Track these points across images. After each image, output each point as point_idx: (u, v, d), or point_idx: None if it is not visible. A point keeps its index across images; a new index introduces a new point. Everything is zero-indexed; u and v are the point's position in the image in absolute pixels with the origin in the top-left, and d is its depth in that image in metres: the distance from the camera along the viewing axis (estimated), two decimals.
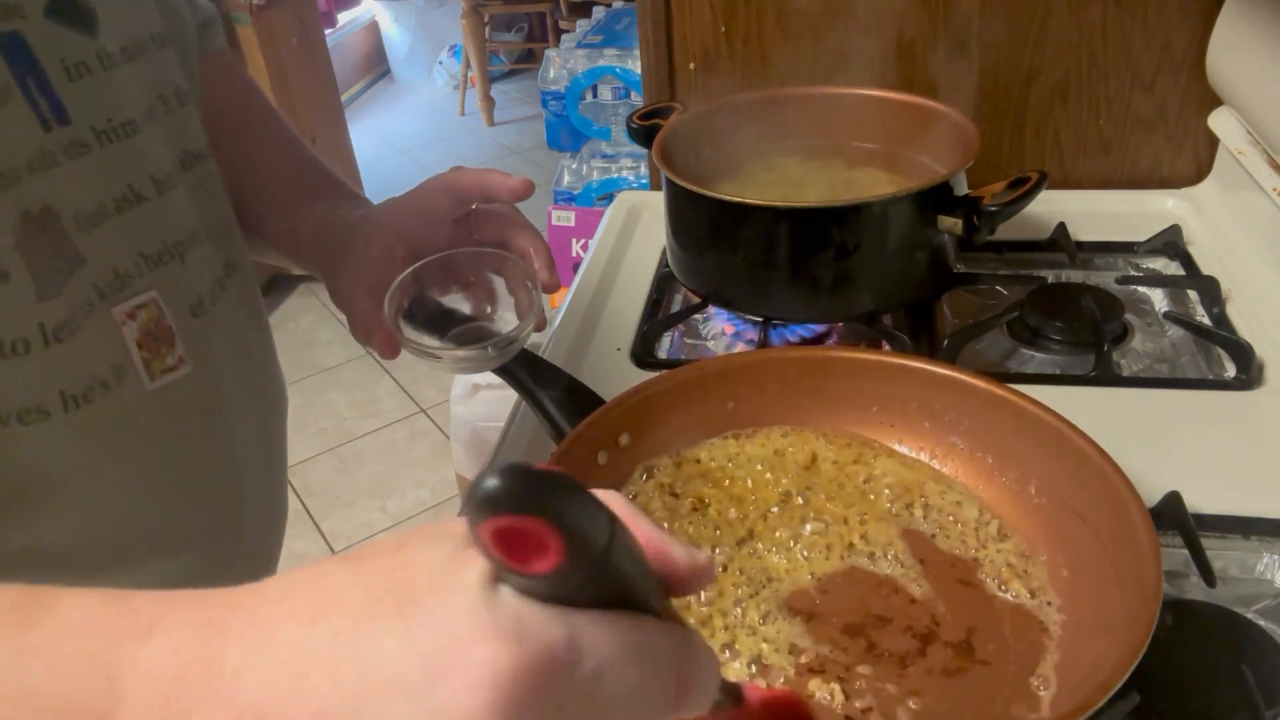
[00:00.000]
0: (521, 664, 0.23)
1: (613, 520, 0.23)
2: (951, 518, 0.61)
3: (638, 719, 0.25)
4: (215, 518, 0.61)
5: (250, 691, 0.25)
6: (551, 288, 0.64)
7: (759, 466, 0.65)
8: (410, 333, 0.64)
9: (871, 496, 0.63)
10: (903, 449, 0.66)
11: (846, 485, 0.63)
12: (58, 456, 0.50)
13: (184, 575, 0.59)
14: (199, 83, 0.65)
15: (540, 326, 0.67)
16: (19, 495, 0.49)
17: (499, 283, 0.67)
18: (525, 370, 0.70)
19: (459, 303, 0.68)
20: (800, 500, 0.63)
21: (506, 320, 0.67)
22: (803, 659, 0.53)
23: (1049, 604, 0.55)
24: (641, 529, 0.27)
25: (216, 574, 0.61)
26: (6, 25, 0.46)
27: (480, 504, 0.20)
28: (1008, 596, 0.56)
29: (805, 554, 0.59)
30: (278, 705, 0.24)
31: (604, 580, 0.23)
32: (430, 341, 0.65)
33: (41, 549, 0.51)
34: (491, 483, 0.20)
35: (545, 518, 0.21)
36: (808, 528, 0.61)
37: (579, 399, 0.69)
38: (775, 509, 0.62)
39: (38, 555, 0.51)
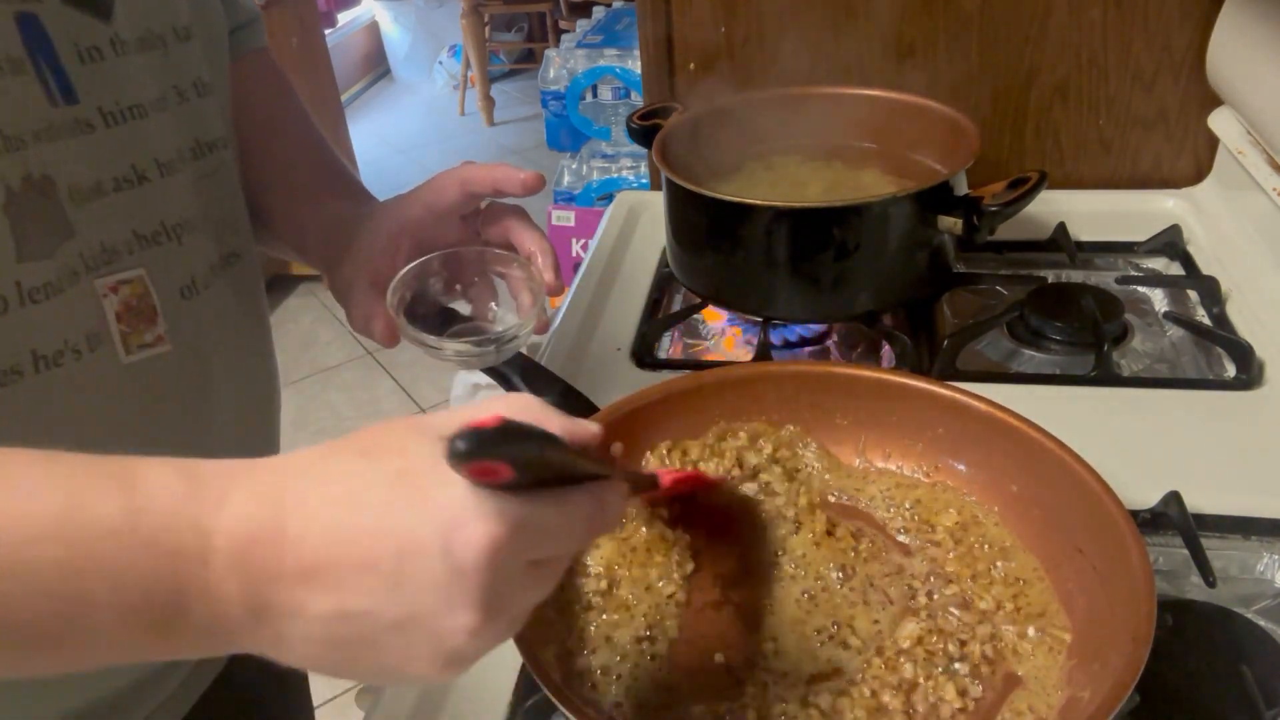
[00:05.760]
0: (498, 531, 0.34)
1: (543, 440, 0.35)
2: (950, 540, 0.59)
3: (565, 546, 0.39)
4: None
5: (310, 551, 0.34)
6: (555, 290, 0.64)
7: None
8: (410, 328, 0.63)
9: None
10: (895, 467, 0.65)
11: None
12: (24, 417, 0.50)
13: None
14: (232, 78, 0.66)
15: (542, 329, 0.67)
16: None
17: (502, 283, 0.67)
18: (519, 374, 0.70)
19: (461, 301, 0.67)
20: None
21: (507, 322, 0.66)
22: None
23: (1038, 633, 0.53)
24: (557, 426, 0.39)
25: None
26: (24, 5, 0.49)
27: (457, 456, 0.32)
28: (996, 628, 0.54)
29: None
30: (332, 561, 0.34)
31: (537, 477, 0.36)
32: (429, 336, 0.65)
33: None
34: (460, 444, 0.31)
35: (498, 459, 0.33)
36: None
37: (573, 405, 0.69)
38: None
39: None
